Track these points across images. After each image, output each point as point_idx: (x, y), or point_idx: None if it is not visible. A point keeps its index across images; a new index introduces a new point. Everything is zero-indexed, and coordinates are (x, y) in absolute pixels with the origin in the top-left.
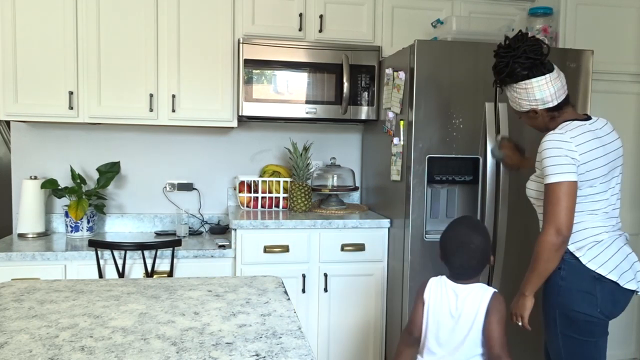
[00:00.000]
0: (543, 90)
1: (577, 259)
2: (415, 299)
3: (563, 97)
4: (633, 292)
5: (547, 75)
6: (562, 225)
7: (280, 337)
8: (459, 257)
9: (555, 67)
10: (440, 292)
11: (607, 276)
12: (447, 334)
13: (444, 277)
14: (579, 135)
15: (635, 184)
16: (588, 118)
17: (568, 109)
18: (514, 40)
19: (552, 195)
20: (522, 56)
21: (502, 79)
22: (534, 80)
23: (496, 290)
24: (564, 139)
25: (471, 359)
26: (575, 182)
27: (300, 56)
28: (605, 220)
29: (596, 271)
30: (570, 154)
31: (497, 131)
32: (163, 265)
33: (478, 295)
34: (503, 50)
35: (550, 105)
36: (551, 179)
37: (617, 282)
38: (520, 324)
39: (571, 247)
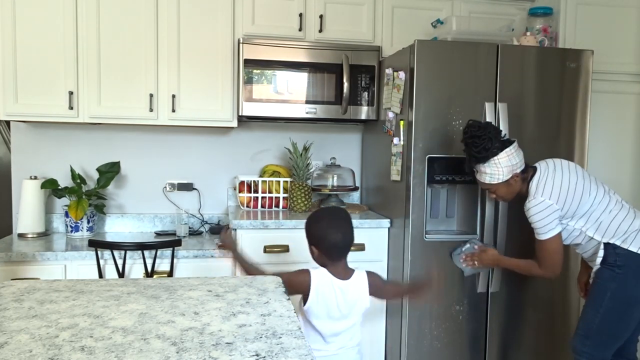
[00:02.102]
0: (518, 154)
1: (626, 249)
2: (297, 272)
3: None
4: None
5: (515, 143)
6: (557, 270)
7: (280, 337)
8: (341, 233)
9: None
10: (326, 286)
11: None
12: (336, 321)
13: (328, 274)
14: (545, 189)
15: (635, 184)
16: (535, 168)
17: (527, 169)
18: (478, 124)
19: (545, 249)
20: (493, 132)
21: (486, 156)
22: (511, 147)
23: (367, 270)
24: (540, 201)
25: (354, 333)
26: (560, 232)
27: (300, 56)
28: (627, 209)
29: None
30: (550, 210)
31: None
32: (163, 265)
33: (358, 284)
34: (478, 132)
35: (523, 167)
36: (542, 237)
37: None
38: (473, 264)
39: (618, 242)
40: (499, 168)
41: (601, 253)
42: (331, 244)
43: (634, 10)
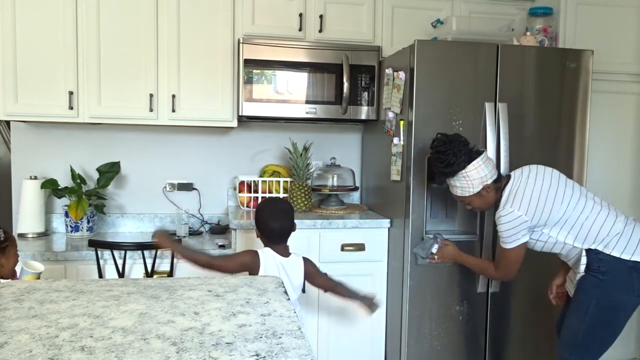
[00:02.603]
0: (487, 165)
1: (609, 254)
2: (245, 253)
3: (497, 171)
4: None
5: (484, 154)
6: (512, 276)
7: (280, 337)
8: (279, 222)
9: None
10: (271, 262)
11: (637, 260)
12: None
13: (272, 251)
14: (515, 200)
15: (635, 184)
16: (508, 176)
17: (500, 178)
18: (442, 137)
19: (507, 257)
20: (459, 147)
21: (453, 170)
22: (479, 159)
23: (304, 256)
24: (510, 212)
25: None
26: (525, 242)
27: (300, 56)
28: (606, 212)
29: (631, 259)
30: (519, 221)
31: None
32: (163, 265)
33: (295, 265)
34: (443, 147)
35: (495, 177)
36: (506, 246)
37: None
38: (435, 261)
39: (600, 247)
40: (468, 181)
41: (584, 260)
42: (270, 230)
43: (634, 10)
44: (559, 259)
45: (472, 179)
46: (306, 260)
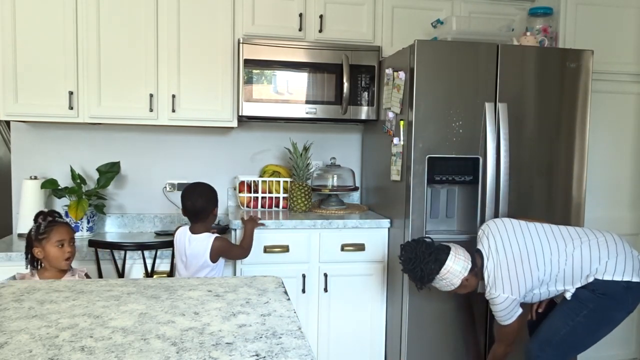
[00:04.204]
0: (458, 261)
1: (603, 279)
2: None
3: (470, 257)
4: None
5: (451, 251)
6: (513, 343)
7: (280, 337)
8: (190, 201)
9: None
10: (181, 238)
11: (633, 280)
12: (184, 265)
13: (186, 227)
14: (506, 284)
15: (635, 184)
16: (479, 252)
17: (474, 259)
18: (407, 252)
19: (506, 332)
20: (424, 258)
21: (429, 279)
22: (448, 261)
23: (218, 236)
24: (500, 296)
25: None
26: (521, 313)
27: (300, 56)
28: (587, 244)
29: (623, 280)
30: (511, 301)
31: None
32: (163, 265)
33: (203, 242)
34: (409, 265)
35: (470, 266)
36: (505, 323)
37: (637, 281)
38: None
39: (597, 275)
40: (446, 280)
41: (577, 285)
42: (183, 207)
43: (634, 10)
44: None
45: (449, 279)
46: (216, 238)
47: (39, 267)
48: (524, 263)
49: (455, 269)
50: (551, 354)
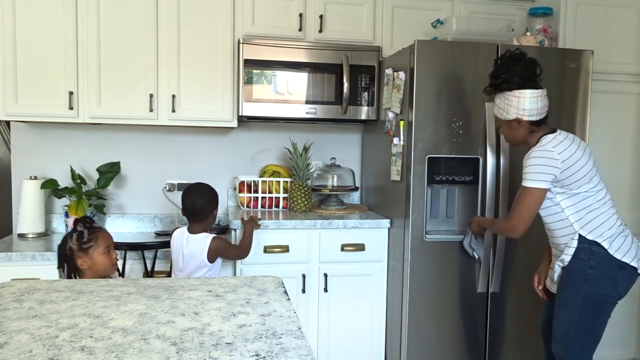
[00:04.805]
0: (532, 102)
1: (604, 249)
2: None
3: (544, 115)
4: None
5: (539, 90)
6: (519, 227)
7: (280, 337)
8: (190, 200)
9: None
10: (178, 238)
11: (630, 263)
12: (181, 265)
13: (185, 228)
14: (560, 144)
15: (635, 184)
16: (554, 130)
17: (545, 127)
18: (515, 54)
19: (523, 197)
20: (521, 68)
21: (498, 84)
22: (528, 91)
23: (215, 236)
24: (547, 150)
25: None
26: (545, 190)
27: (300, 56)
28: (614, 210)
29: (622, 259)
30: (552, 163)
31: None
32: (163, 265)
33: (200, 242)
34: (506, 60)
35: (534, 119)
36: (527, 183)
37: (634, 265)
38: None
39: (599, 239)
40: (506, 104)
41: (574, 244)
42: (183, 206)
43: (634, 10)
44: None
45: (510, 104)
46: (214, 238)
47: (77, 278)
48: (586, 164)
49: (524, 103)
50: (576, 349)
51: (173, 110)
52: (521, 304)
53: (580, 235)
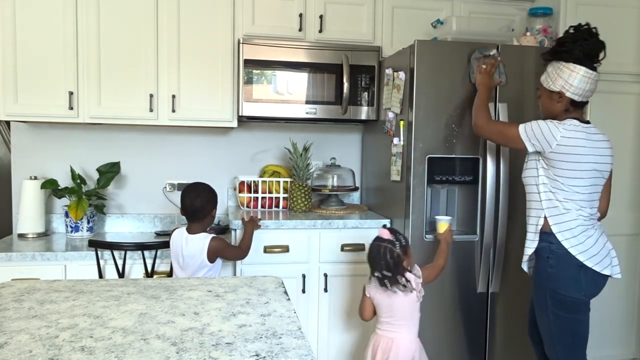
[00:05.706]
0: (582, 81)
1: (563, 248)
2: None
3: (586, 100)
4: (608, 276)
5: (593, 73)
6: (480, 127)
7: (280, 337)
8: (189, 199)
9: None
10: (178, 238)
11: (585, 263)
12: (182, 265)
13: (184, 228)
14: (573, 132)
15: (635, 184)
16: (588, 122)
17: (579, 112)
18: (591, 30)
19: (506, 123)
20: (588, 45)
21: (559, 52)
22: (583, 68)
23: (214, 236)
24: (556, 126)
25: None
26: (520, 138)
27: (300, 56)
28: (587, 210)
29: (578, 259)
30: (548, 137)
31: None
32: (163, 265)
33: (200, 242)
34: (579, 32)
35: (576, 98)
36: (520, 124)
37: (594, 268)
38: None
39: (559, 236)
40: (556, 74)
41: (536, 237)
42: (182, 205)
43: (634, 10)
44: None
45: (561, 75)
46: (213, 238)
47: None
48: (588, 163)
49: (574, 79)
50: (563, 349)
51: (173, 110)
52: (521, 304)
53: (542, 232)
